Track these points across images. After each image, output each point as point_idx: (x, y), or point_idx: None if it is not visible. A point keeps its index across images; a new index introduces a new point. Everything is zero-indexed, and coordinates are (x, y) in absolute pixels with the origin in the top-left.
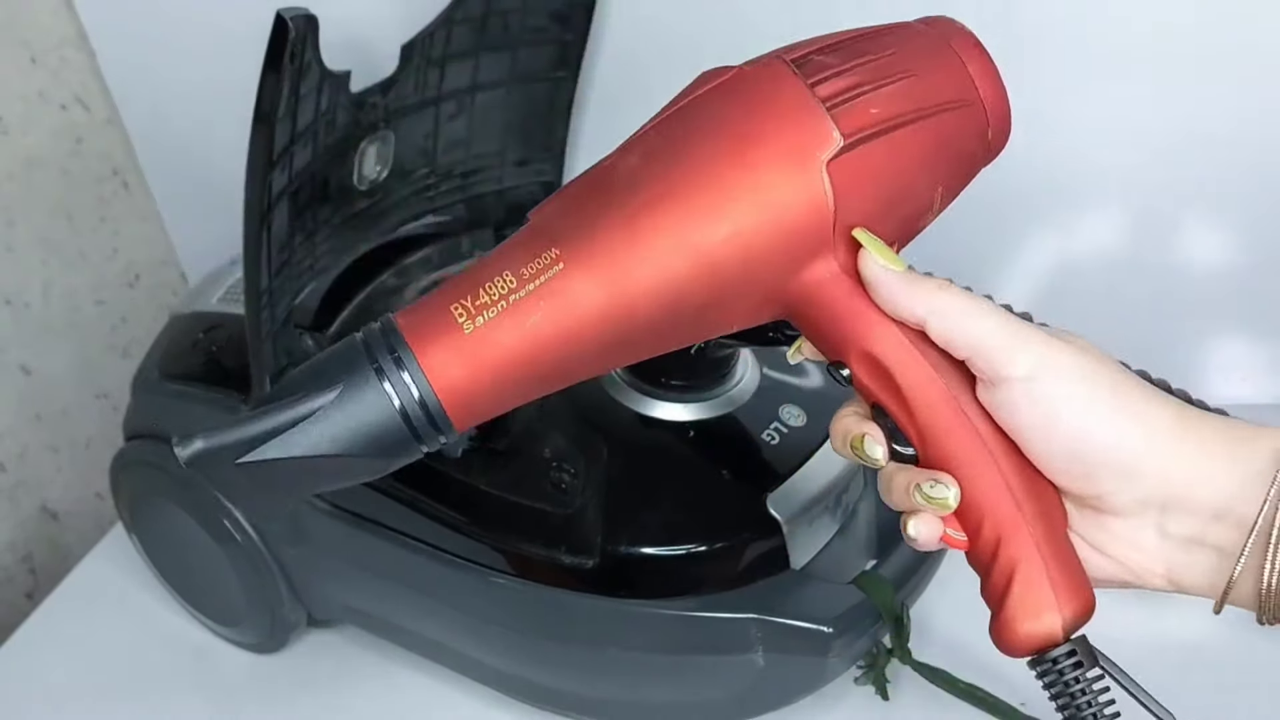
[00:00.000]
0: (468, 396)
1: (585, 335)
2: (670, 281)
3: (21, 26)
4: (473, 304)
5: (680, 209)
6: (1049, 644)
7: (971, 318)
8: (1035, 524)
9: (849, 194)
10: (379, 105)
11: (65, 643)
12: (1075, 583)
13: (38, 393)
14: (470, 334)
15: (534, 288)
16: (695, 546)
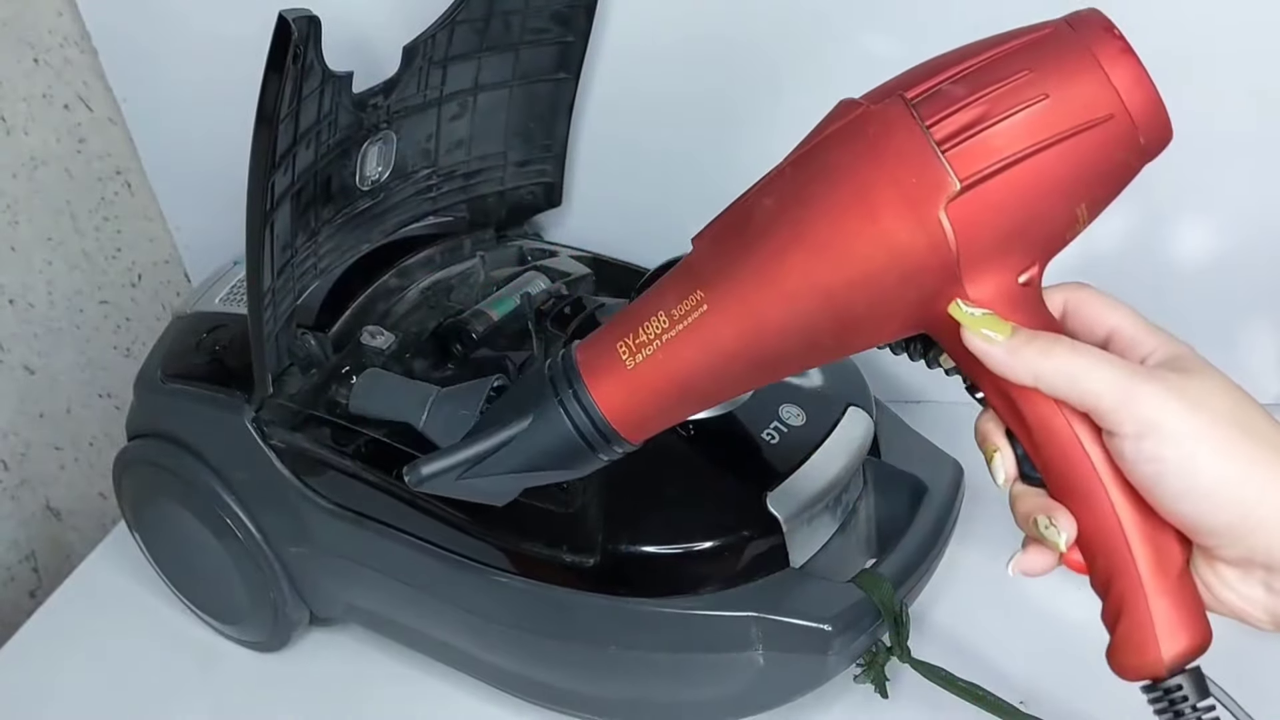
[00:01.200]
0: (633, 418)
1: (729, 368)
2: (801, 320)
3: (25, 27)
4: (634, 342)
5: (807, 255)
6: (1152, 676)
7: (1079, 381)
8: (1148, 564)
9: (973, 232)
10: (381, 106)
11: (68, 641)
12: (1187, 619)
13: (41, 392)
14: (632, 370)
15: (682, 329)
16: (695, 545)
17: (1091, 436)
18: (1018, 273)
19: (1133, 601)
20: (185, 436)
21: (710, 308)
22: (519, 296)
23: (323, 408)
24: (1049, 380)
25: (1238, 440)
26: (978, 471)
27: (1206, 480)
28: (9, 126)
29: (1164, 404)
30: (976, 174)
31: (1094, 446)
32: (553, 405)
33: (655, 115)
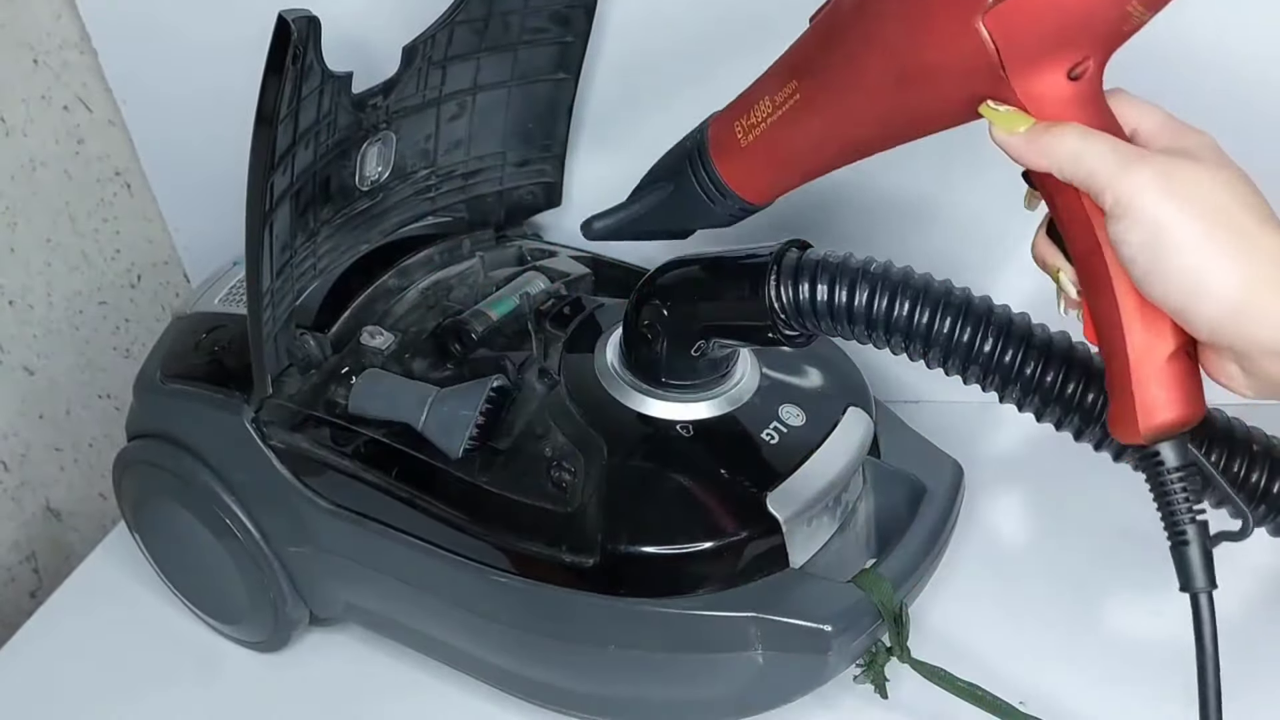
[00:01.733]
0: (749, 185)
1: (822, 147)
2: (878, 109)
3: (24, 28)
4: (745, 123)
5: (878, 55)
6: (1133, 443)
7: (1082, 161)
8: (1137, 347)
9: (1013, 38)
10: (380, 106)
11: (68, 642)
12: (1170, 398)
13: (41, 393)
14: (745, 146)
15: (781, 114)
16: (695, 545)
17: (1101, 223)
18: (1068, 68)
19: (1121, 379)
20: (185, 437)
21: (803, 97)
22: (518, 297)
23: (322, 408)
24: (1059, 163)
25: (1212, 231)
26: (978, 471)
27: (1168, 266)
28: (8, 128)
29: (1144, 186)
30: None
31: (1103, 233)
32: (686, 175)
33: (655, 115)
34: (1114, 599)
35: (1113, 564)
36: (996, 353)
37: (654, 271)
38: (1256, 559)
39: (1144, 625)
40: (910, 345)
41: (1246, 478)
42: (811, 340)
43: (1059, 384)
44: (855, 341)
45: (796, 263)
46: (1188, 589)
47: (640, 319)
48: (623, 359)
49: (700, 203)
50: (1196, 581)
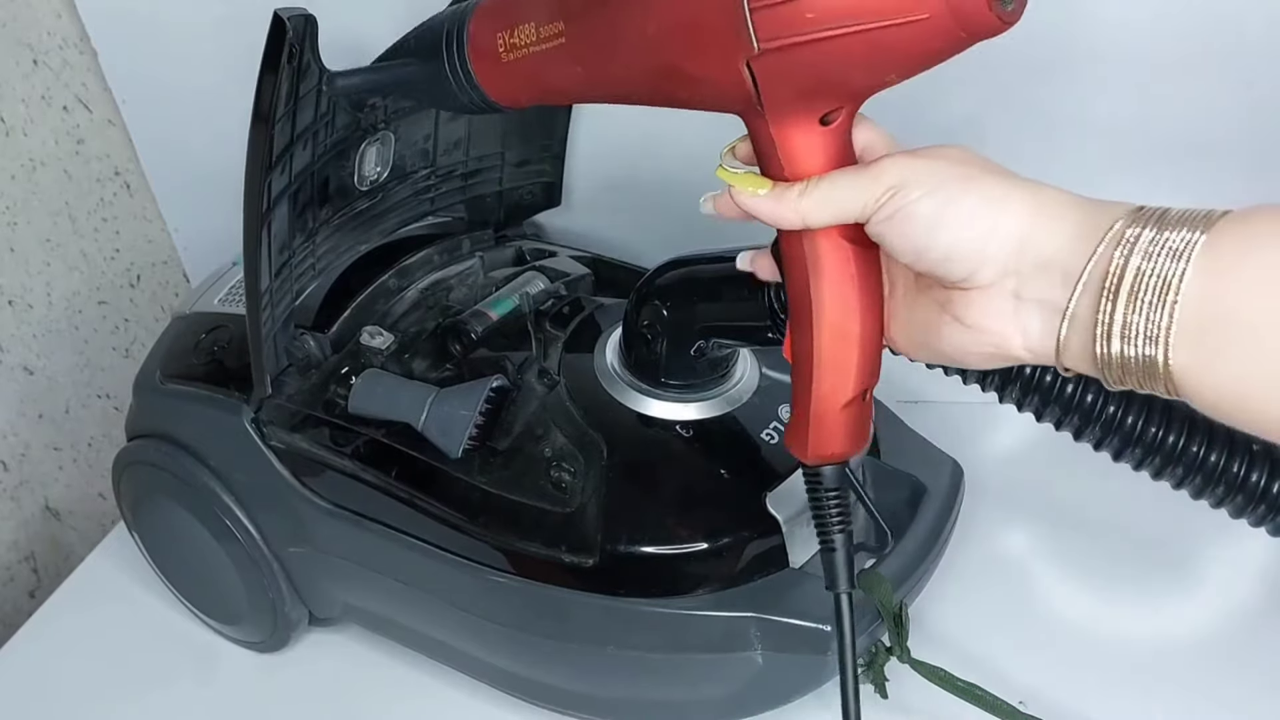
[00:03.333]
0: (503, 95)
1: (581, 90)
2: (636, 83)
3: (23, 28)
4: (508, 40)
5: (643, 45)
6: (802, 461)
7: (833, 198)
8: (825, 394)
9: (773, 84)
10: (379, 106)
11: (68, 642)
12: (840, 437)
13: (40, 393)
14: (505, 63)
15: (545, 49)
16: (694, 545)
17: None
18: (821, 116)
19: (803, 413)
20: (184, 437)
21: (567, 41)
22: (518, 297)
23: (321, 408)
24: (814, 215)
25: (963, 186)
26: (978, 471)
27: (945, 235)
28: (8, 128)
29: (896, 163)
30: (777, 42)
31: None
32: (441, 64)
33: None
34: (1114, 599)
35: (1113, 564)
36: None
37: (654, 271)
38: (1257, 559)
39: (1144, 625)
40: None
41: (1246, 478)
42: None
43: (1058, 383)
44: None
45: None
46: (832, 589)
47: (640, 319)
48: (622, 359)
49: (448, 87)
50: (840, 583)
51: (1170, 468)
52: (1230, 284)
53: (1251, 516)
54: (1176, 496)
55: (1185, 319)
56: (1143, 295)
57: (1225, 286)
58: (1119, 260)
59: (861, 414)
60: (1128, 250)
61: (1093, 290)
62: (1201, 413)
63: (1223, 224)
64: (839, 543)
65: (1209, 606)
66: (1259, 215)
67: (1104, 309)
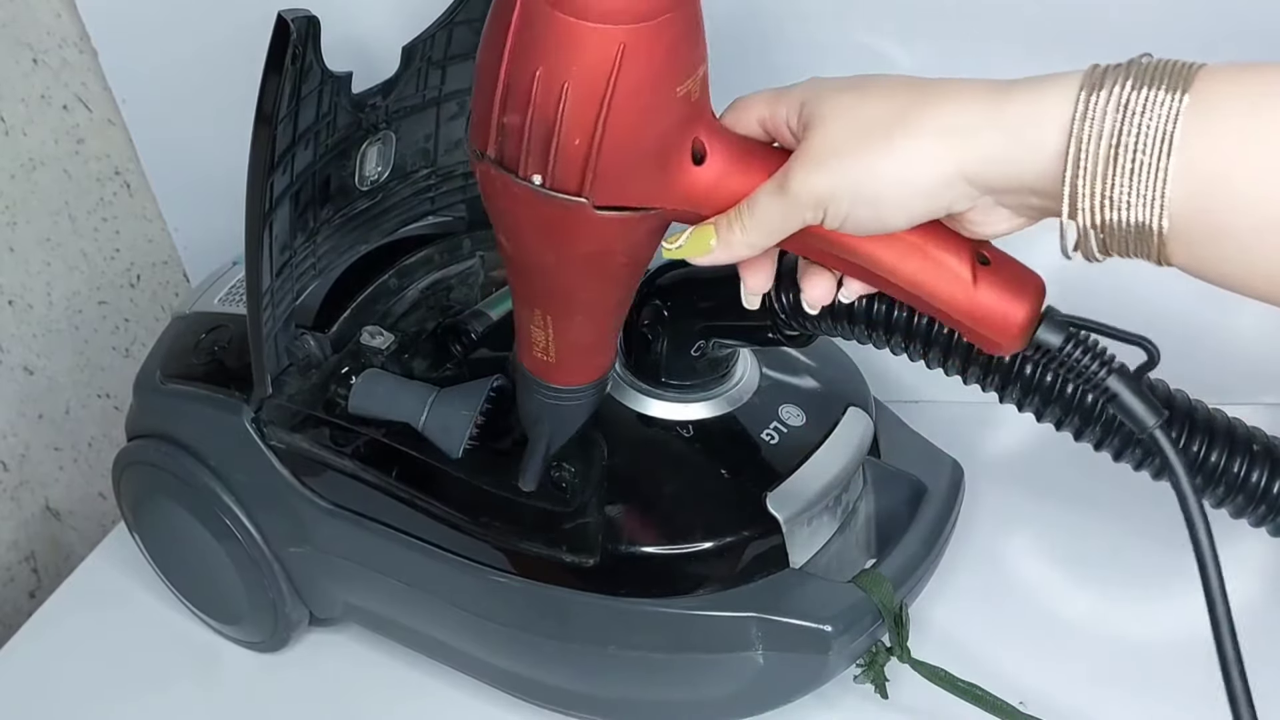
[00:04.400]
0: (588, 373)
1: (601, 329)
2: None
3: (23, 27)
4: (540, 349)
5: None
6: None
7: (771, 229)
8: (947, 297)
9: (625, 193)
10: (380, 106)
11: (68, 642)
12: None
13: (40, 393)
14: (558, 362)
15: (553, 331)
16: (695, 545)
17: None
18: (688, 161)
19: (963, 327)
20: (184, 437)
21: (553, 315)
22: None
23: (322, 408)
24: (760, 242)
25: (880, 164)
26: (978, 471)
27: (895, 214)
28: (7, 127)
29: (817, 184)
30: (584, 177)
31: (856, 250)
32: (548, 408)
33: None
34: (1114, 599)
35: (1113, 564)
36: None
37: (654, 272)
38: (1257, 559)
39: (1144, 625)
40: (910, 345)
41: (1246, 478)
42: (812, 340)
43: (1058, 383)
44: (855, 341)
45: (796, 262)
46: (1144, 432)
47: (640, 319)
48: (622, 359)
49: (572, 409)
50: (1147, 421)
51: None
52: (1219, 147)
53: (1252, 516)
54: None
55: (1177, 193)
56: (1128, 164)
57: (1214, 150)
58: (1092, 137)
59: (999, 273)
60: (1099, 123)
61: (1074, 192)
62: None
63: (1202, 83)
64: (1116, 384)
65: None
66: (1244, 74)
67: (1093, 190)
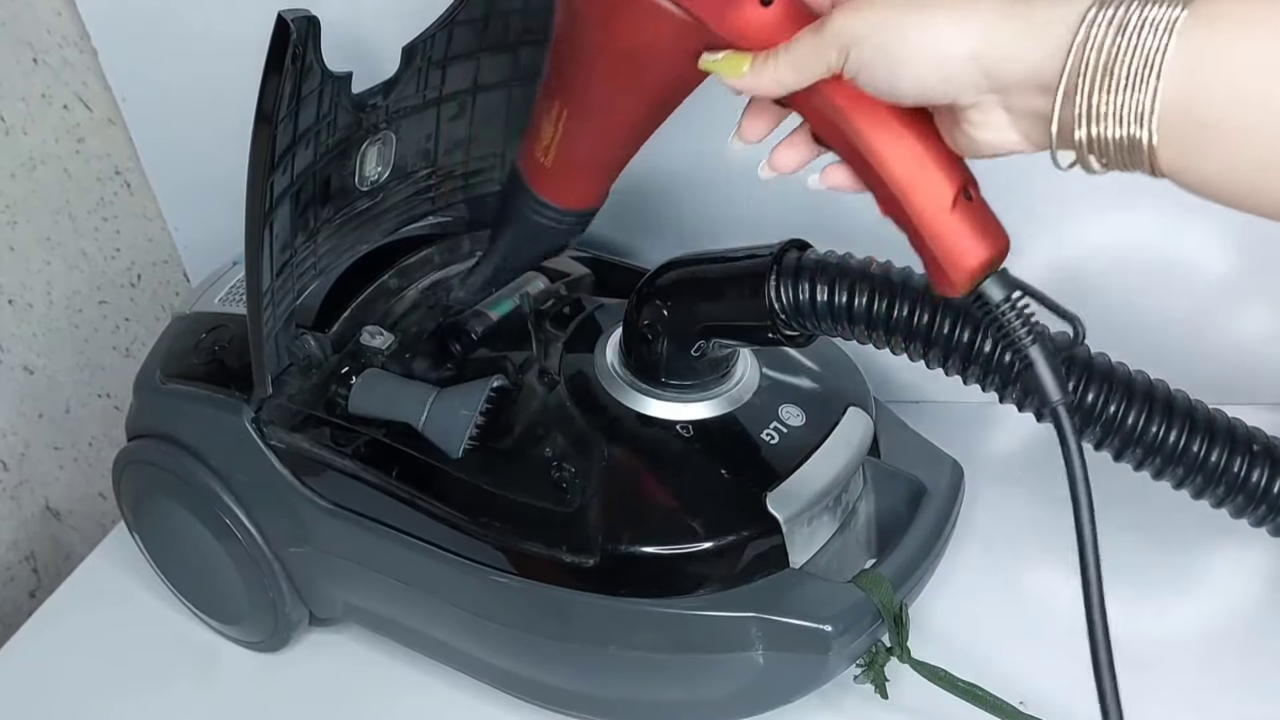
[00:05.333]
0: (573, 194)
1: (608, 142)
2: (627, 99)
3: (24, 27)
4: (541, 148)
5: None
6: (958, 294)
7: (805, 65)
8: (922, 211)
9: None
10: (380, 106)
11: (68, 642)
12: (971, 244)
13: (40, 392)
14: (552, 166)
15: (562, 130)
16: (695, 545)
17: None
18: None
19: (919, 242)
20: (185, 437)
21: (569, 112)
22: (518, 297)
23: (322, 408)
24: (789, 79)
25: (909, 24)
26: (978, 471)
27: (907, 77)
28: (8, 126)
29: (851, 24)
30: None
31: (853, 120)
32: (520, 213)
33: None
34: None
35: (1113, 564)
36: (995, 352)
37: (654, 271)
38: (1257, 559)
39: (1144, 625)
40: (910, 345)
41: (1246, 478)
42: (812, 340)
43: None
44: (855, 341)
45: (797, 263)
46: (1045, 406)
47: (640, 319)
48: (623, 359)
49: (541, 229)
50: (1052, 395)
51: (1171, 468)
52: (1217, 61)
53: (1252, 516)
54: (1177, 497)
55: (1167, 99)
56: (1122, 76)
57: (1211, 63)
58: (1094, 45)
59: (976, 212)
60: (1101, 34)
61: (1070, 90)
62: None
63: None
64: (1035, 354)
65: (1209, 607)
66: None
67: (1088, 100)
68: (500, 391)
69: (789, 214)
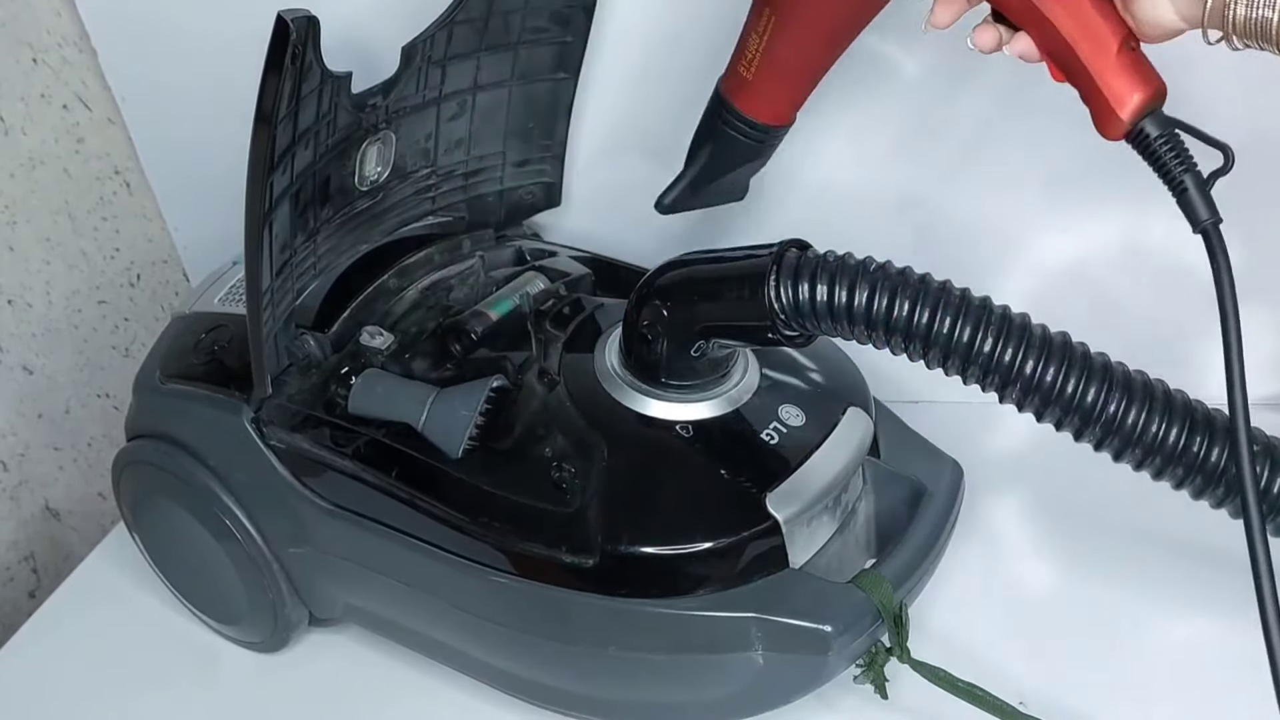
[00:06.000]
0: (771, 108)
1: (811, 49)
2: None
3: (23, 27)
4: (746, 61)
5: None
6: (1123, 135)
7: None
8: (1088, 54)
9: None
10: (380, 106)
11: (67, 642)
12: (1132, 83)
13: (40, 392)
14: (754, 80)
15: (768, 39)
16: (695, 546)
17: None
18: None
19: (1090, 87)
20: (184, 437)
21: (777, 18)
22: (518, 297)
23: (322, 408)
24: None
25: None
26: (978, 471)
27: None
28: (7, 126)
29: None
30: None
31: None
32: (719, 129)
33: (655, 115)
34: (1114, 599)
35: (1113, 564)
36: (996, 352)
37: (654, 271)
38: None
39: (1144, 625)
40: (910, 345)
41: None
42: (812, 340)
43: (1059, 384)
44: (855, 341)
45: (796, 262)
46: (1198, 226)
47: (640, 319)
48: (622, 359)
49: (738, 144)
50: (1203, 215)
51: (1171, 467)
52: None
53: None
54: (1177, 496)
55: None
56: None
57: None
58: None
59: (1137, 60)
60: None
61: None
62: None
63: None
64: (1189, 182)
65: (1209, 606)
66: None
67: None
68: (500, 392)
69: (789, 214)
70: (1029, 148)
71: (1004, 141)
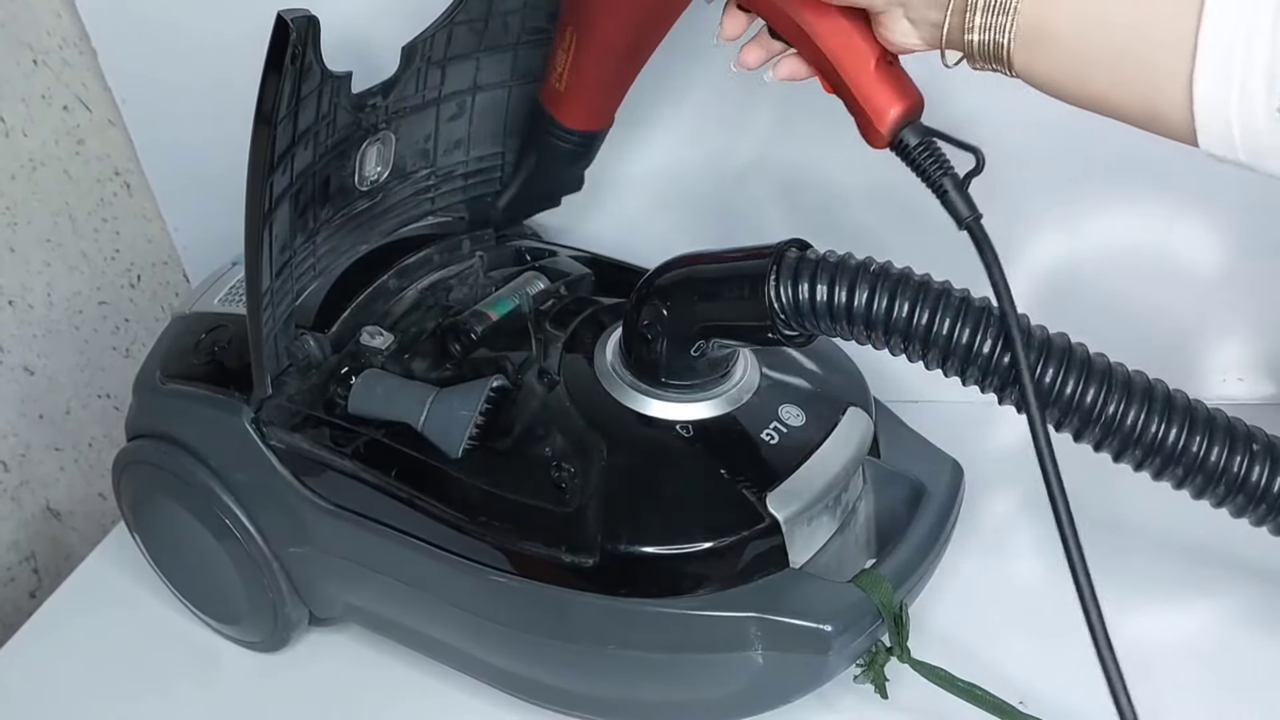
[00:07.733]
0: (585, 115)
1: (611, 59)
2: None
3: (23, 28)
4: (557, 74)
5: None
6: (884, 143)
7: None
8: (851, 70)
9: None
10: (380, 106)
11: (68, 642)
12: (890, 97)
13: (40, 393)
14: (566, 89)
15: (573, 53)
16: (695, 545)
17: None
18: None
19: (852, 100)
20: (184, 437)
21: (578, 34)
22: (518, 297)
23: (322, 408)
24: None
25: None
26: (978, 471)
27: None
28: (8, 128)
29: None
30: None
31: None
32: (541, 139)
33: (654, 115)
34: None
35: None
36: (995, 353)
37: (654, 271)
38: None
39: (1144, 625)
40: (910, 345)
41: (1246, 477)
42: (812, 340)
43: (1058, 384)
44: (855, 341)
45: (796, 262)
46: (962, 224)
47: (640, 319)
48: (622, 359)
49: (560, 149)
50: (964, 213)
51: (1171, 468)
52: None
53: (1252, 516)
54: (1177, 497)
55: (1021, 24)
56: (993, 7)
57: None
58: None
59: (895, 74)
60: None
61: (958, 7)
62: None
63: None
64: (949, 184)
65: (1209, 606)
66: None
67: (968, 18)
68: (500, 391)
69: (789, 214)
70: (1029, 148)
71: (1003, 142)
